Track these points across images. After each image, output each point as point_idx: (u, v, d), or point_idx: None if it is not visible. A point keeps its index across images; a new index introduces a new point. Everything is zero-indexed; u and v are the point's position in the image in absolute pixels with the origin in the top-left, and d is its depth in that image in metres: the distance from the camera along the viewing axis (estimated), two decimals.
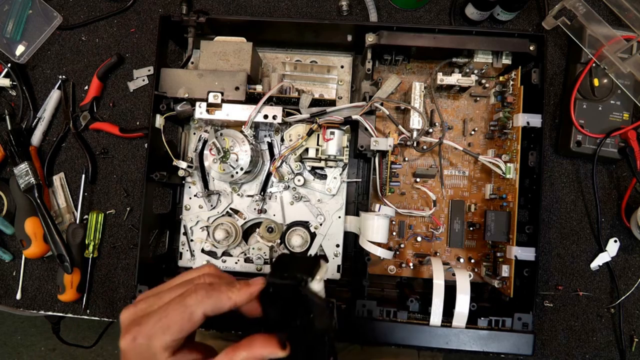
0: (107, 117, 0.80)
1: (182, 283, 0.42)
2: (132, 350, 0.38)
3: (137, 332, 0.38)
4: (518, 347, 0.60)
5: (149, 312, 0.39)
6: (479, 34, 0.66)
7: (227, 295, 0.40)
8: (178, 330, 0.38)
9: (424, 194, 0.73)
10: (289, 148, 0.68)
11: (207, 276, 0.42)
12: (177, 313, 0.38)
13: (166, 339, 0.37)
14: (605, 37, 0.68)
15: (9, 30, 0.79)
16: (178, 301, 0.39)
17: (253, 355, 0.38)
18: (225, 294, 0.40)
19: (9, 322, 1.69)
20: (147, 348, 0.37)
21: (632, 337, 0.73)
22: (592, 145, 0.71)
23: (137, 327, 0.38)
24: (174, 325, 0.38)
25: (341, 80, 0.74)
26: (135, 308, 0.40)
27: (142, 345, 0.37)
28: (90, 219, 0.77)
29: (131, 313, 0.40)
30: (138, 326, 0.38)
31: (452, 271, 0.66)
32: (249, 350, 0.38)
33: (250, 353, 0.38)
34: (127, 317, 0.40)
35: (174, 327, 0.38)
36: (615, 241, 0.73)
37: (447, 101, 0.75)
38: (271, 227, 0.71)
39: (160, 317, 0.38)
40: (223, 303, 0.39)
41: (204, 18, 0.69)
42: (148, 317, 0.38)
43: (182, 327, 0.38)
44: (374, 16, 0.77)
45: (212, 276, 0.42)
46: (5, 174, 0.80)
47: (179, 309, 0.38)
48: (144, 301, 0.41)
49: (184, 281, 0.42)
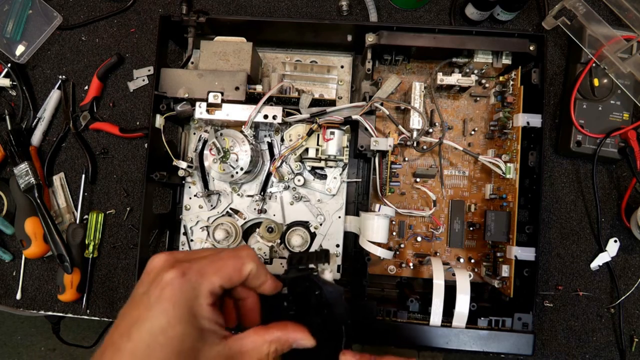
0: (107, 117, 0.80)
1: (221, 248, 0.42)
2: (178, 285, 0.34)
3: (188, 268, 0.35)
4: (518, 347, 0.60)
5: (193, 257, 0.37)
6: (479, 34, 0.66)
7: (265, 270, 0.40)
8: (228, 277, 0.37)
9: (424, 194, 0.73)
10: (289, 148, 0.68)
11: None
12: (231, 259, 0.37)
13: (216, 281, 0.36)
14: (605, 37, 0.68)
15: (9, 30, 0.79)
16: (231, 251, 0.39)
17: (286, 337, 0.38)
18: (264, 267, 0.40)
19: (9, 322, 1.69)
20: (193, 287, 0.35)
21: (632, 337, 0.73)
22: (592, 145, 0.72)
23: (187, 264, 0.36)
24: (227, 270, 0.37)
25: (341, 80, 0.74)
26: (172, 255, 0.37)
27: (189, 282, 0.35)
28: (90, 219, 0.77)
29: (169, 256, 0.37)
30: (188, 263, 0.36)
31: (452, 271, 0.66)
32: (282, 331, 0.38)
33: (283, 334, 0.37)
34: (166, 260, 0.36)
35: (225, 272, 0.36)
36: (615, 241, 0.73)
37: (447, 101, 0.75)
38: (271, 227, 0.71)
39: (214, 259, 0.37)
40: (262, 274, 0.39)
41: (204, 18, 0.69)
42: (198, 259, 0.37)
43: (232, 275, 0.37)
44: (374, 16, 0.78)
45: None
46: (5, 174, 0.81)
47: (232, 257, 0.38)
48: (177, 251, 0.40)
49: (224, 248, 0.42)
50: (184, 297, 0.34)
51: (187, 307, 0.34)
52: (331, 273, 0.43)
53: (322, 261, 0.43)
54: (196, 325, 0.34)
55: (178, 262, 0.36)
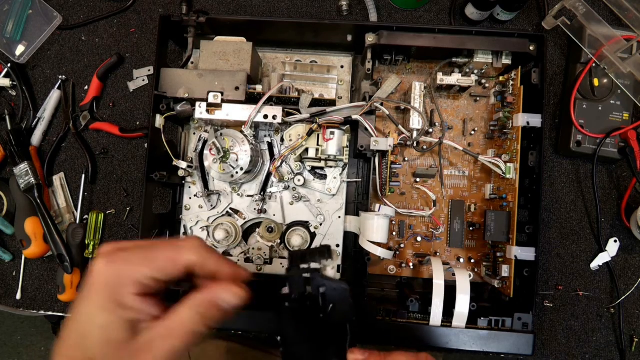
0: (107, 117, 0.80)
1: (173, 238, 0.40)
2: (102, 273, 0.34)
3: (115, 256, 0.34)
4: (518, 347, 0.60)
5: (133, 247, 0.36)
6: (479, 34, 0.66)
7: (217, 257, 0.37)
8: (159, 267, 0.34)
9: (424, 194, 0.73)
10: (289, 148, 0.68)
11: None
12: (164, 250, 0.35)
13: (142, 271, 0.34)
14: (605, 37, 0.68)
15: (9, 30, 0.79)
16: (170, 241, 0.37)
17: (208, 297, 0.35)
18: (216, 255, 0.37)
19: (9, 322, 1.69)
20: (117, 275, 0.34)
21: (632, 337, 0.73)
22: (592, 145, 0.72)
23: (118, 252, 0.35)
24: (156, 261, 0.34)
25: (341, 80, 0.74)
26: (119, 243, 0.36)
27: (114, 270, 0.34)
28: (90, 219, 0.77)
29: (114, 244, 0.36)
30: (120, 251, 0.35)
31: (452, 271, 0.66)
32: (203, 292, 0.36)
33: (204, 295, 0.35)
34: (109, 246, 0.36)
35: (155, 263, 0.34)
36: (615, 241, 0.73)
37: (447, 101, 0.75)
38: (271, 227, 0.71)
39: (145, 249, 0.35)
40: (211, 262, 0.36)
41: (204, 18, 0.69)
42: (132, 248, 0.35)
43: (165, 266, 0.34)
44: (374, 16, 0.78)
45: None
46: (5, 174, 0.80)
47: (167, 247, 0.35)
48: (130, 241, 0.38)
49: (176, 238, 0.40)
50: (107, 286, 0.33)
51: (109, 296, 0.33)
52: (333, 270, 0.42)
53: (325, 257, 0.42)
54: (120, 314, 0.33)
55: (114, 250, 0.35)
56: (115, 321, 0.33)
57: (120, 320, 0.33)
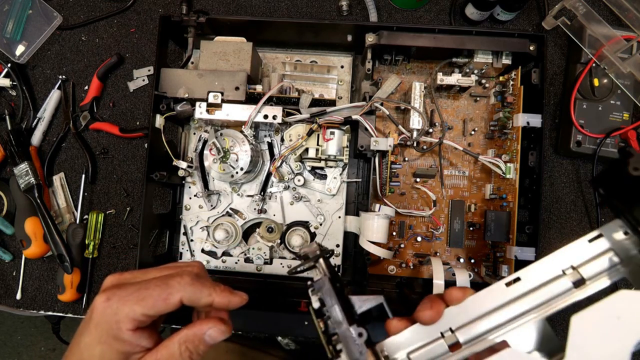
0: (107, 117, 0.80)
1: (170, 266, 0.43)
2: (101, 309, 0.38)
3: (113, 294, 0.38)
4: None
5: (132, 282, 0.40)
6: (479, 34, 0.66)
7: (209, 291, 0.41)
8: (151, 306, 0.38)
9: (424, 194, 0.73)
10: (289, 148, 0.68)
11: (196, 267, 0.43)
12: (157, 289, 0.39)
13: (136, 309, 0.38)
14: (605, 37, 0.68)
15: (9, 30, 0.79)
16: (162, 280, 0.40)
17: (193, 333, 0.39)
18: (207, 290, 0.40)
19: (9, 322, 1.69)
20: (115, 312, 0.38)
21: None
22: (592, 145, 0.71)
23: (115, 290, 0.39)
24: (149, 300, 0.38)
25: (341, 80, 0.74)
26: (120, 275, 0.41)
27: (111, 308, 0.38)
28: (90, 219, 0.77)
29: (115, 278, 0.41)
30: (117, 289, 0.39)
31: (452, 271, 0.66)
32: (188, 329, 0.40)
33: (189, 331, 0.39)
34: (110, 281, 0.41)
35: (148, 301, 0.38)
36: None
37: (447, 101, 0.75)
38: (271, 227, 0.71)
39: (140, 287, 0.39)
40: (202, 296, 0.40)
41: (204, 18, 0.69)
42: (129, 285, 0.39)
43: (156, 304, 0.38)
44: (374, 16, 0.77)
45: (200, 268, 0.44)
46: (5, 174, 0.81)
47: (159, 286, 0.39)
48: (130, 272, 0.42)
49: (173, 266, 0.43)
50: (104, 321, 0.38)
51: (107, 330, 0.38)
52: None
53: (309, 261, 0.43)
54: (116, 347, 0.38)
55: (115, 285, 0.40)
56: (111, 353, 0.38)
57: (116, 352, 0.38)
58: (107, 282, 0.41)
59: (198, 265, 0.45)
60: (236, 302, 0.42)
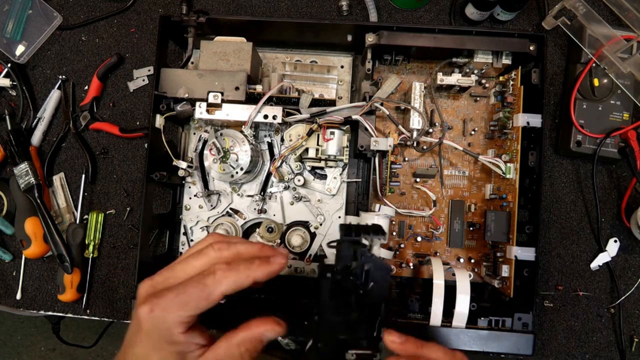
0: (107, 117, 0.80)
1: (193, 255, 0.42)
2: (148, 320, 0.38)
3: (155, 304, 0.38)
4: (518, 347, 0.60)
5: (167, 286, 0.40)
6: (479, 34, 0.66)
7: (246, 274, 0.40)
8: (194, 307, 0.38)
9: (424, 194, 0.73)
10: (289, 148, 0.68)
11: (216, 244, 0.42)
12: (196, 290, 0.39)
13: (182, 314, 0.38)
14: (605, 37, 0.68)
15: (9, 30, 0.79)
16: (198, 279, 0.39)
17: (252, 336, 0.39)
18: (244, 272, 0.40)
19: (9, 322, 1.69)
20: (163, 321, 0.38)
21: (632, 337, 0.73)
22: (592, 145, 0.71)
23: (155, 299, 0.39)
24: (191, 302, 0.38)
25: (341, 80, 0.74)
26: (152, 281, 0.41)
27: (158, 317, 0.38)
28: (90, 219, 0.77)
29: (148, 285, 0.41)
30: (156, 298, 0.39)
31: (452, 271, 0.66)
32: (246, 331, 0.40)
33: (248, 333, 0.39)
34: (145, 289, 0.40)
35: (191, 304, 0.38)
36: (615, 241, 0.73)
37: (447, 101, 0.75)
38: (271, 227, 0.71)
39: (179, 292, 0.39)
40: (242, 282, 0.40)
41: (204, 18, 0.69)
42: (167, 291, 0.39)
43: (199, 304, 0.38)
44: (374, 16, 0.77)
45: (220, 243, 0.42)
46: (5, 174, 0.80)
47: (198, 287, 0.39)
48: (159, 274, 0.41)
49: (195, 253, 0.42)
50: (155, 330, 0.38)
51: (160, 338, 0.39)
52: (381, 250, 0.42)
53: (377, 235, 0.42)
54: (173, 350, 0.39)
55: (152, 294, 0.40)
56: (169, 356, 0.39)
57: (173, 354, 0.39)
58: (142, 292, 0.40)
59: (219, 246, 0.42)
60: (276, 272, 0.42)
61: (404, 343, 0.40)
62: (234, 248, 0.42)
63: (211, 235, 0.45)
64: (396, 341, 0.40)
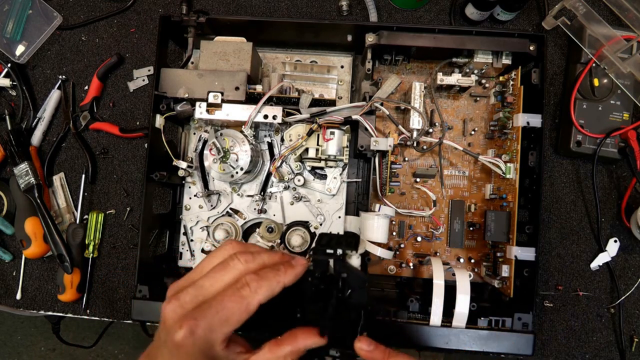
0: (107, 117, 0.80)
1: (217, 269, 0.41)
2: (191, 343, 0.38)
3: (195, 326, 0.38)
4: (518, 347, 0.60)
5: (199, 304, 0.39)
6: (479, 34, 0.66)
7: (277, 280, 0.41)
8: (236, 321, 0.39)
9: (424, 194, 0.73)
10: (289, 148, 0.68)
11: (241, 255, 0.42)
12: (235, 305, 0.39)
13: (225, 330, 0.38)
14: (605, 37, 0.68)
15: (9, 30, 0.79)
16: (233, 292, 0.39)
17: (297, 348, 0.40)
18: (275, 280, 0.41)
19: (9, 322, 1.69)
20: (206, 340, 0.38)
21: (632, 337, 0.73)
22: (592, 145, 0.71)
23: (193, 321, 0.38)
24: (233, 317, 0.38)
25: (341, 80, 0.74)
26: (179, 301, 0.39)
27: (201, 338, 0.38)
28: (90, 219, 0.77)
29: (177, 306, 0.39)
30: (194, 320, 0.38)
31: (452, 271, 0.66)
32: (292, 343, 0.40)
33: (294, 346, 0.40)
34: (174, 311, 0.39)
35: (232, 319, 0.38)
36: (615, 241, 0.73)
37: (447, 101, 0.75)
38: (271, 227, 0.71)
39: (218, 309, 0.38)
40: (274, 288, 0.41)
41: (204, 18, 0.69)
42: (203, 310, 0.38)
43: (240, 317, 0.39)
44: (374, 16, 0.77)
45: (245, 254, 0.42)
46: (5, 174, 0.81)
47: (236, 300, 0.39)
48: (185, 293, 0.40)
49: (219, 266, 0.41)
50: (198, 352, 0.38)
51: (203, 356, 0.38)
52: (358, 259, 0.44)
53: (350, 247, 0.44)
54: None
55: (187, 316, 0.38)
56: None
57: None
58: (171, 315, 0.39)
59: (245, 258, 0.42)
60: (301, 272, 0.42)
61: (372, 351, 0.41)
62: (260, 258, 0.42)
63: (229, 244, 0.44)
64: (364, 348, 0.41)
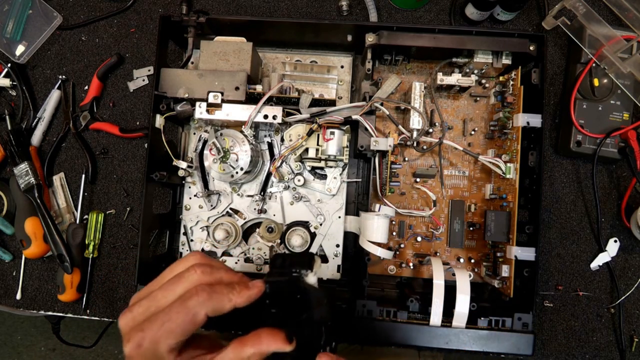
0: (107, 117, 0.80)
1: (173, 280, 0.41)
2: (138, 355, 0.38)
3: (142, 338, 0.38)
4: (518, 347, 0.60)
5: (149, 317, 0.39)
6: (479, 34, 0.66)
7: (228, 297, 0.40)
8: (182, 332, 0.38)
9: (424, 194, 0.73)
10: (289, 148, 0.68)
11: (198, 267, 0.41)
12: (180, 316, 0.38)
13: (171, 342, 0.38)
14: (605, 37, 0.68)
15: (9, 30, 0.79)
16: (180, 304, 0.39)
17: (260, 350, 0.38)
18: (226, 296, 0.40)
19: (9, 322, 1.69)
20: (153, 352, 0.38)
21: (632, 337, 0.73)
22: (592, 145, 0.71)
23: (140, 333, 0.38)
24: (178, 328, 0.38)
25: (341, 80, 0.74)
26: (132, 313, 0.40)
27: (148, 350, 0.38)
28: (90, 219, 0.77)
29: (129, 319, 0.40)
30: (141, 332, 0.38)
31: (452, 271, 0.66)
32: (256, 345, 0.38)
33: (257, 348, 0.38)
34: (127, 324, 0.40)
35: (177, 330, 0.38)
36: (615, 241, 0.73)
37: (447, 101, 0.75)
38: (271, 227, 0.71)
39: (164, 321, 0.38)
40: (224, 305, 0.40)
41: (204, 18, 0.69)
42: (150, 322, 0.38)
43: (186, 329, 0.38)
44: (374, 16, 0.77)
45: (203, 266, 0.42)
46: (5, 174, 0.80)
47: (182, 312, 0.38)
48: (138, 305, 0.40)
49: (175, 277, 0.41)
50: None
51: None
52: (315, 276, 0.43)
53: (305, 267, 0.43)
54: None
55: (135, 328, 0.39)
56: None
57: None
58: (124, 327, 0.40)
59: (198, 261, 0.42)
60: (255, 295, 0.41)
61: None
62: (218, 273, 0.42)
63: (193, 256, 0.44)
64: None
